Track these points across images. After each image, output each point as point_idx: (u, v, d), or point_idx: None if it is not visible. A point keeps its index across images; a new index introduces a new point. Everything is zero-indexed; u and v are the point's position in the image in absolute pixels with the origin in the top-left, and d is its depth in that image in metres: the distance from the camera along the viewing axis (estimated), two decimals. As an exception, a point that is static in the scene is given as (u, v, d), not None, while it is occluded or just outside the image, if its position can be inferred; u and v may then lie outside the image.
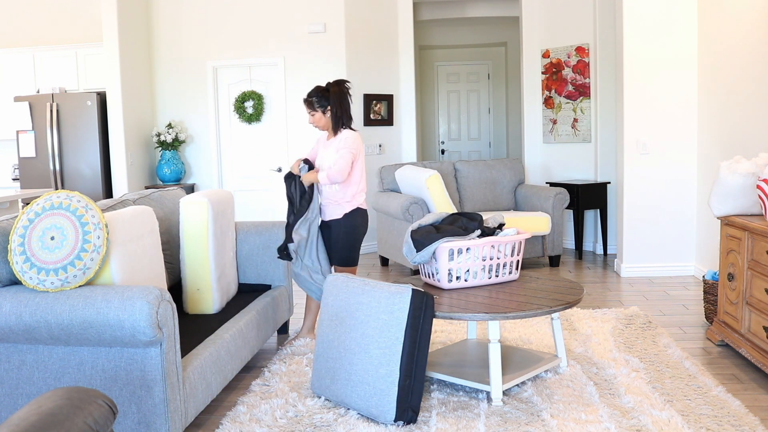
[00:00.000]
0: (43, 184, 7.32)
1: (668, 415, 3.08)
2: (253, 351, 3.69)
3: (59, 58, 7.63)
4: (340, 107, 4.07)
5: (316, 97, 4.09)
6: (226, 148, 7.66)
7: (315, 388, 3.38)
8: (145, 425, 2.67)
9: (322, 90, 4.10)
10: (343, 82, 4.10)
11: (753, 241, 3.70)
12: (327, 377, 3.29)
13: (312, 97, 4.10)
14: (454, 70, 10.84)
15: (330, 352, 3.29)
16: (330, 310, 3.36)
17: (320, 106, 4.09)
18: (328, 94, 4.08)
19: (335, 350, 3.26)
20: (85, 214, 2.77)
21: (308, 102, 4.11)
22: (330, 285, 3.41)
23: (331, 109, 4.08)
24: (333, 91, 4.07)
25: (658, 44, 5.83)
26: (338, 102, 4.07)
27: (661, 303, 5.11)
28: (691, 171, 5.92)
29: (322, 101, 4.08)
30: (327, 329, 3.35)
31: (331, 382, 3.27)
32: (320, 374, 3.34)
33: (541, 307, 3.23)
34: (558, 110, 7.50)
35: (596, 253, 7.19)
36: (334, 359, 3.26)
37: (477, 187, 6.93)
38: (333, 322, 3.32)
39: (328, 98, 4.08)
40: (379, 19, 7.64)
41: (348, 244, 4.13)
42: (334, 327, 3.30)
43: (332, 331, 3.31)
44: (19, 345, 2.75)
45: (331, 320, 3.33)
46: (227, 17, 7.47)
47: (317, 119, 4.11)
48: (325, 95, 4.08)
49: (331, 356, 3.29)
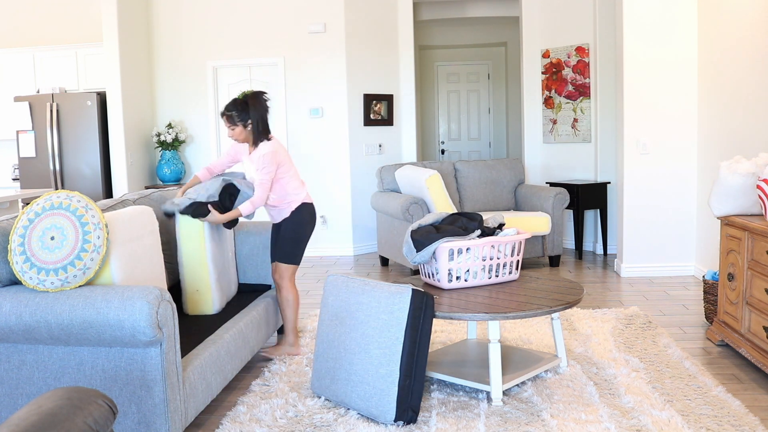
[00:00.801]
0: (43, 184, 7.32)
1: (668, 415, 3.08)
2: (253, 351, 3.69)
3: (59, 58, 7.63)
4: (261, 120, 3.87)
5: (236, 110, 3.85)
6: (226, 148, 7.66)
7: (315, 388, 3.38)
8: (145, 425, 2.67)
9: (240, 103, 3.86)
10: (261, 94, 3.92)
11: (753, 241, 3.70)
12: (327, 377, 3.29)
13: (231, 111, 3.85)
14: (454, 70, 10.84)
15: (330, 352, 3.29)
16: (330, 310, 3.36)
17: (240, 120, 3.86)
18: (248, 107, 3.86)
19: (335, 350, 3.26)
20: (85, 214, 2.77)
21: (228, 116, 3.86)
22: (330, 285, 3.40)
23: (252, 122, 3.86)
24: (252, 104, 3.85)
25: (658, 44, 5.83)
26: (259, 115, 3.86)
27: (661, 303, 5.11)
28: (691, 171, 5.92)
29: (242, 115, 3.85)
30: (327, 329, 3.35)
31: (331, 382, 3.27)
32: (320, 374, 3.35)
33: (541, 307, 3.23)
34: (558, 110, 7.51)
35: (596, 253, 7.19)
36: (333, 359, 3.27)
37: (477, 187, 6.93)
38: (333, 322, 3.32)
39: (248, 111, 3.85)
40: (379, 19, 7.64)
41: (293, 239, 3.98)
42: (334, 327, 3.30)
43: (332, 331, 3.31)
44: (19, 345, 2.75)
45: (331, 320, 3.33)
46: (227, 17, 7.47)
47: (237, 133, 3.87)
48: (244, 108, 3.85)
49: (331, 356, 3.29)
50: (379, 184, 6.87)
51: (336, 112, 7.39)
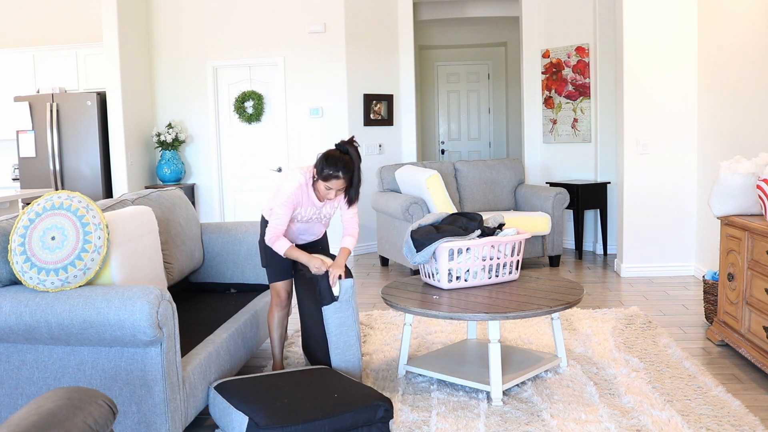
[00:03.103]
0: (43, 184, 7.32)
1: (668, 415, 3.08)
2: (252, 350, 3.69)
3: (59, 58, 7.63)
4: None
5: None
6: (226, 148, 7.66)
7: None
8: (145, 425, 2.67)
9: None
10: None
11: (753, 241, 3.70)
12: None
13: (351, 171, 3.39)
14: (454, 70, 10.84)
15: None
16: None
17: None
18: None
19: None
20: (86, 214, 2.77)
21: (348, 179, 3.39)
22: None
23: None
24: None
25: (658, 44, 5.83)
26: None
27: (661, 303, 5.11)
28: (691, 171, 5.92)
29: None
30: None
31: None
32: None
33: (541, 307, 3.23)
34: (558, 110, 7.50)
35: (596, 253, 7.19)
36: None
37: (477, 187, 6.93)
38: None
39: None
40: (379, 19, 7.64)
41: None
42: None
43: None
44: (19, 345, 2.75)
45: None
46: (227, 17, 7.47)
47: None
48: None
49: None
50: (379, 184, 6.87)
51: (336, 112, 7.39)
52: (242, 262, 4.27)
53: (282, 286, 3.62)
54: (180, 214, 4.03)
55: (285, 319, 3.70)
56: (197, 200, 7.75)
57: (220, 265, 4.24)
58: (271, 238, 3.41)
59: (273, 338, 3.69)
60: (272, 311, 3.66)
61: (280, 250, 3.42)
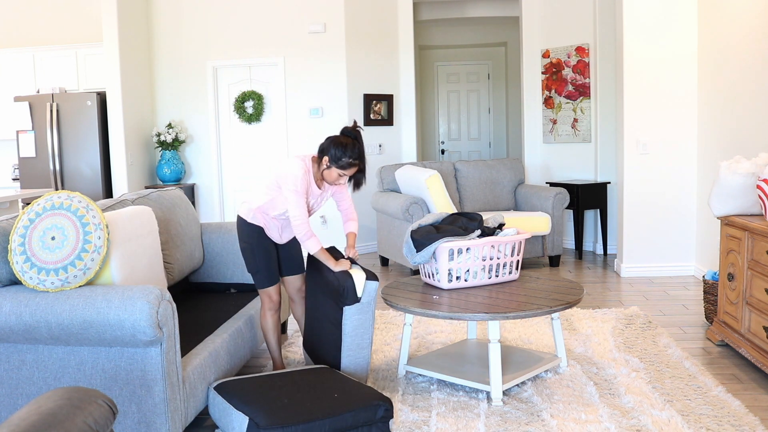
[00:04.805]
0: (43, 184, 7.32)
1: (668, 415, 3.08)
2: (252, 350, 3.69)
3: (59, 58, 7.63)
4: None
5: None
6: (226, 148, 7.66)
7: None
8: (145, 425, 2.67)
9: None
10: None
11: (753, 241, 3.70)
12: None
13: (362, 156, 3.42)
14: (454, 70, 10.84)
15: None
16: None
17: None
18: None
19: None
20: (86, 214, 2.77)
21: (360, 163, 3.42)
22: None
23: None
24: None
25: (658, 44, 5.83)
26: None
27: (661, 303, 5.11)
28: (691, 171, 5.92)
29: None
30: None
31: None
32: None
33: (541, 307, 3.23)
34: (558, 110, 7.50)
35: (596, 253, 7.19)
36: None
37: (477, 187, 6.93)
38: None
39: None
40: (379, 19, 7.64)
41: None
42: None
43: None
44: (19, 345, 2.75)
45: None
46: (227, 17, 7.47)
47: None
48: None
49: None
50: (379, 184, 6.87)
51: (336, 112, 7.39)
52: (242, 262, 4.27)
53: (274, 290, 3.58)
54: (180, 214, 4.03)
55: (279, 321, 3.69)
56: (197, 200, 7.75)
57: (220, 265, 4.24)
58: (307, 233, 3.29)
59: (270, 342, 3.66)
60: (265, 316, 3.60)
61: (312, 249, 3.33)
